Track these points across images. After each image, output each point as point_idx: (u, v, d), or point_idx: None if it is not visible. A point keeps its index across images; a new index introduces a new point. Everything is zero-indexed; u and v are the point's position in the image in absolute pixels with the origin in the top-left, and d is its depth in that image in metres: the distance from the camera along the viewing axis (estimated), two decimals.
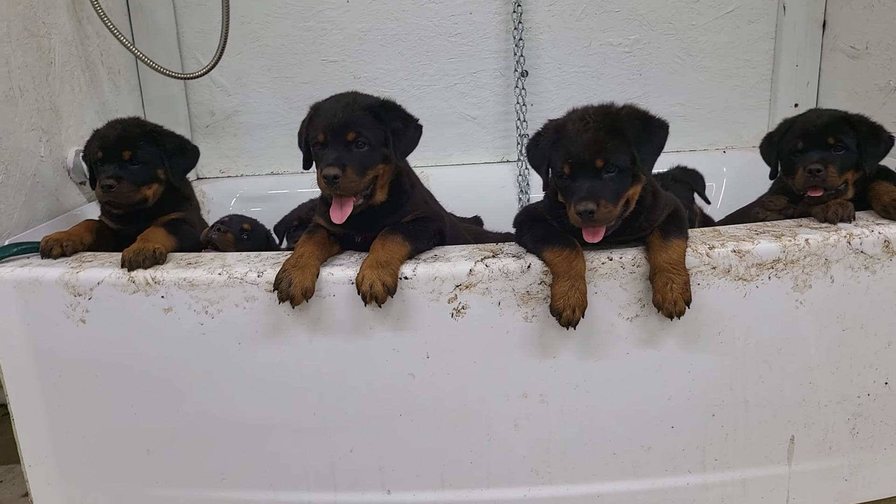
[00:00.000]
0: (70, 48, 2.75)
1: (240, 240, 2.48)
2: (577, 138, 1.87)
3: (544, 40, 3.49)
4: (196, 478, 2.21)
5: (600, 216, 1.81)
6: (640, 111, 1.97)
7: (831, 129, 2.24)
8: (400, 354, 2.05)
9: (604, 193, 1.82)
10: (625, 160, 1.85)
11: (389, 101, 2.11)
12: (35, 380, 2.16)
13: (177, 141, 2.43)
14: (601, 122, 1.88)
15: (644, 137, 1.88)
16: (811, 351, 2.08)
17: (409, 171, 2.21)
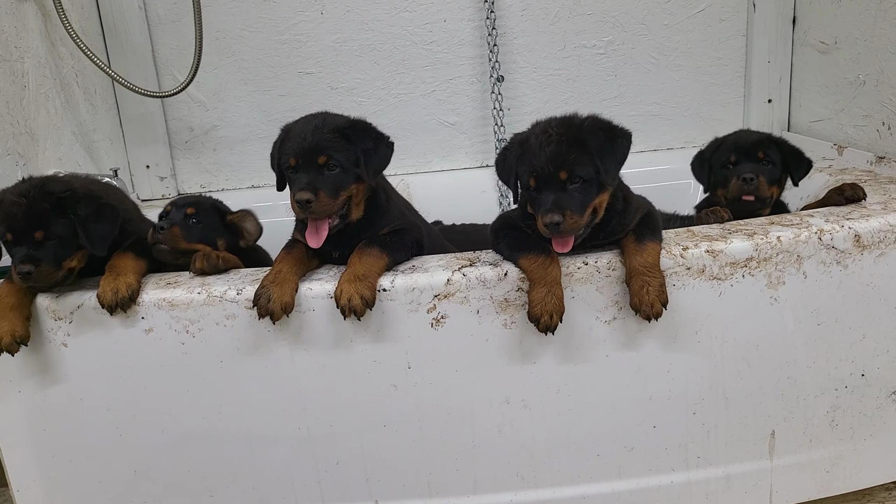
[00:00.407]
0: (44, 71, 2.75)
1: (189, 227, 2.26)
2: (540, 152, 1.89)
3: (519, 45, 3.51)
4: (184, 496, 2.22)
5: (566, 227, 1.84)
6: (603, 122, 1.99)
7: (761, 145, 2.50)
8: (381, 366, 2.06)
9: (569, 204, 1.85)
10: (588, 171, 1.87)
11: (360, 122, 2.11)
12: (20, 405, 2.16)
13: (91, 205, 2.06)
14: (563, 134, 1.90)
15: (607, 148, 1.90)
16: (788, 346, 2.11)
17: (385, 185, 2.22)
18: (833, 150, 3.09)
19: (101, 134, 3.20)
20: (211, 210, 2.37)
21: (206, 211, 2.34)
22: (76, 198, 2.04)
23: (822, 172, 2.81)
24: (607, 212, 1.97)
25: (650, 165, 3.54)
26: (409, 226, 2.16)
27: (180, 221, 2.26)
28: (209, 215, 2.35)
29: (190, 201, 2.35)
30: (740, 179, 2.42)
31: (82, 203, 2.04)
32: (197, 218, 2.30)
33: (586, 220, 1.89)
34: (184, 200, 2.36)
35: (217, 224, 2.35)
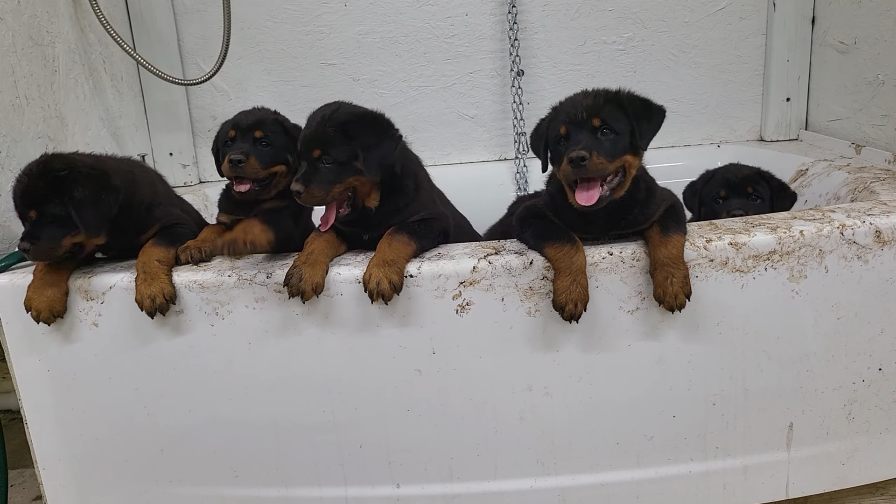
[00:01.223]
0: (74, 56, 2.79)
1: (261, 152, 2.14)
2: (575, 103, 1.96)
3: (539, 40, 3.54)
4: (209, 476, 2.26)
5: (592, 166, 1.84)
6: (640, 96, 2.03)
7: (749, 181, 2.57)
8: (406, 351, 2.10)
9: (598, 147, 1.87)
10: (622, 125, 1.91)
11: (367, 116, 2.09)
12: (48, 383, 2.20)
13: (88, 187, 1.99)
14: (602, 94, 1.98)
15: (643, 114, 1.95)
16: (808, 339, 2.13)
17: (416, 172, 2.23)
18: (851, 149, 3.11)
19: (126, 120, 3.25)
20: (275, 125, 2.24)
21: (272, 129, 2.21)
22: (73, 177, 1.98)
23: (842, 171, 2.83)
24: (630, 198, 2.00)
25: (667, 162, 3.55)
26: (438, 214, 2.19)
27: (252, 149, 2.16)
28: (276, 132, 2.22)
29: (254, 121, 2.20)
30: (730, 215, 2.47)
31: (78, 184, 1.98)
32: (266, 140, 2.18)
33: (612, 169, 1.89)
34: (247, 120, 2.20)
35: (285, 140, 2.22)
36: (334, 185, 2.00)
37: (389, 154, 2.06)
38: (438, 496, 2.23)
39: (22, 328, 2.15)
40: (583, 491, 2.23)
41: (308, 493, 2.25)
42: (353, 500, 2.25)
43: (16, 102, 2.37)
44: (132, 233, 2.18)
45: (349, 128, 2.03)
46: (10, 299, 2.13)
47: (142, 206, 2.20)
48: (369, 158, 2.01)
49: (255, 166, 2.21)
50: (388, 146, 2.07)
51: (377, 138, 2.05)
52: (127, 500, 2.31)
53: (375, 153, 2.03)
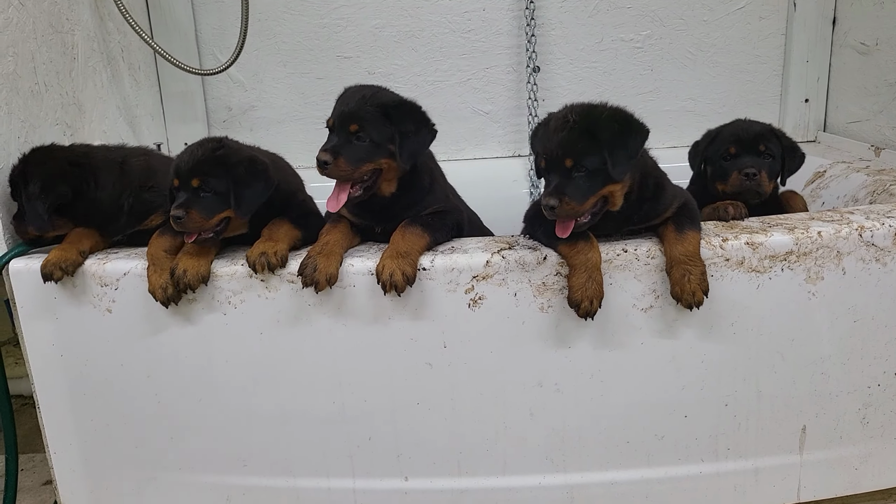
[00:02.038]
0: (92, 44, 2.80)
1: (204, 202, 2.01)
2: (552, 136, 1.92)
3: (556, 36, 3.52)
4: (217, 464, 2.26)
5: (561, 212, 1.86)
6: (622, 115, 1.98)
7: (763, 137, 2.40)
8: (417, 344, 2.09)
9: (569, 191, 1.86)
10: (594, 161, 1.87)
11: (408, 104, 2.13)
12: (61, 368, 2.21)
13: (252, 168, 2.07)
14: (580, 122, 1.91)
15: (618, 142, 1.89)
16: (823, 342, 2.11)
17: (432, 167, 2.24)
18: (870, 152, 3.07)
19: (143, 109, 3.26)
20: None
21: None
22: (236, 159, 2.06)
23: (860, 173, 2.80)
24: (638, 196, 1.99)
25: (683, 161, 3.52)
26: (452, 208, 2.18)
27: (194, 203, 2.01)
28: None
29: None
30: (742, 174, 2.34)
31: (243, 165, 2.05)
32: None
33: (587, 208, 1.90)
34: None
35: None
36: (364, 163, 2.01)
37: (425, 145, 2.10)
38: (446, 490, 2.22)
39: (37, 313, 2.17)
40: (592, 489, 2.21)
41: (316, 484, 2.25)
42: (361, 492, 2.24)
43: (35, 88, 2.38)
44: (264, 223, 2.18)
45: (391, 111, 2.04)
46: (25, 284, 2.15)
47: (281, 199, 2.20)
48: (405, 146, 2.03)
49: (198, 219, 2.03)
50: (426, 137, 2.09)
51: (416, 127, 2.07)
52: (136, 486, 2.32)
53: (412, 142, 2.05)
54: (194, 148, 2.08)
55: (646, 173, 2.00)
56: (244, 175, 2.04)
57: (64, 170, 2.15)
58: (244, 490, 2.28)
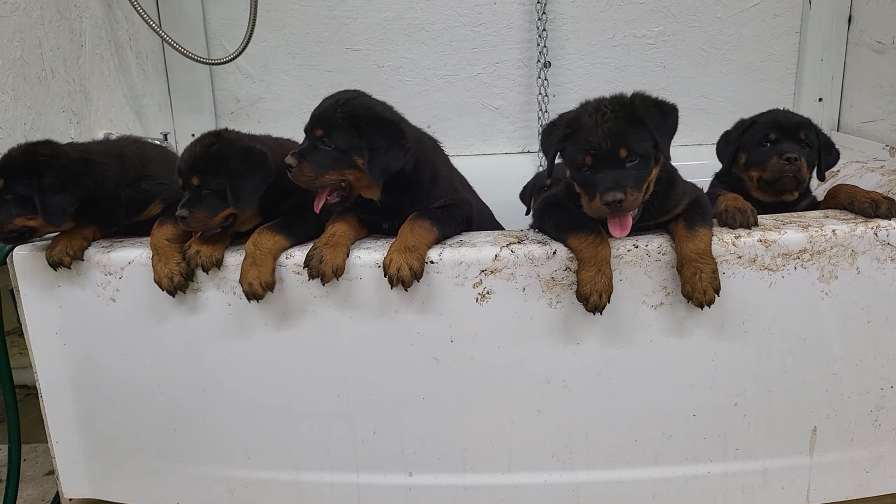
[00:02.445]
0: (100, 32, 2.78)
1: (206, 201, 2.03)
2: (597, 129, 1.85)
3: (567, 31, 3.49)
4: (221, 457, 2.25)
5: (628, 204, 1.81)
6: (652, 98, 1.97)
7: (803, 126, 2.36)
8: (424, 338, 2.07)
9: (628, 182, 1.82)
10: (647, 147, 1.85)
11: (382, 118, 2.02)
12: (64, 358, 2.20)
13: (245, 161, 2.04)
14: (619, 111, 1.87)
15: (661, 122, 1.89)
16: (835, 342, 2.08)
17: (434, 160, 2.18)
18: (885, 151, 3.03)
19: (150, 99, 3.25)
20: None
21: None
22: (231, 152, 2.04)
23: (875, 172, 2.76)
24: (651, 193, 1.95)
25: (694, 160, 3.45)
26: (460, 201, 2.16)
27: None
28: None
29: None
30: (783, 158, 2.27)
31: (237, 158, 2.03)
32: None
33: (642, 198, 1.88)
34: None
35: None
36: (328, 171, 1.96)
37: (395, 163, 1.98)
38: (451, 486, 2.20)
39: (40, 302, 2.15)
40: (598, 487, 2.19)
41: (319, 479, 2.23)
42: (365, 486, 2.22)
43: (42, 75, 2.37)
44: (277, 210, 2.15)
45: (361, 123, 1.97)
46: (29, 272, 2.13)
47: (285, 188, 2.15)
48: (374, 161, 1.96)
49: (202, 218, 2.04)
50: (396, 155, 1.98)
51: (388, 144, 1.97)
52: (138, 477, 2.30)
53: (382, 158, 1.96)
54: (193, 145, 2.06)
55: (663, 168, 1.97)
56: (239, 168, 2.01)
57: (81, 168, 2.09)
58: (247, 483, 2.26)
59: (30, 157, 2.05)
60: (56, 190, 2.02)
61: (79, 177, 2.06)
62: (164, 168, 2.30)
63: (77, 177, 2.06)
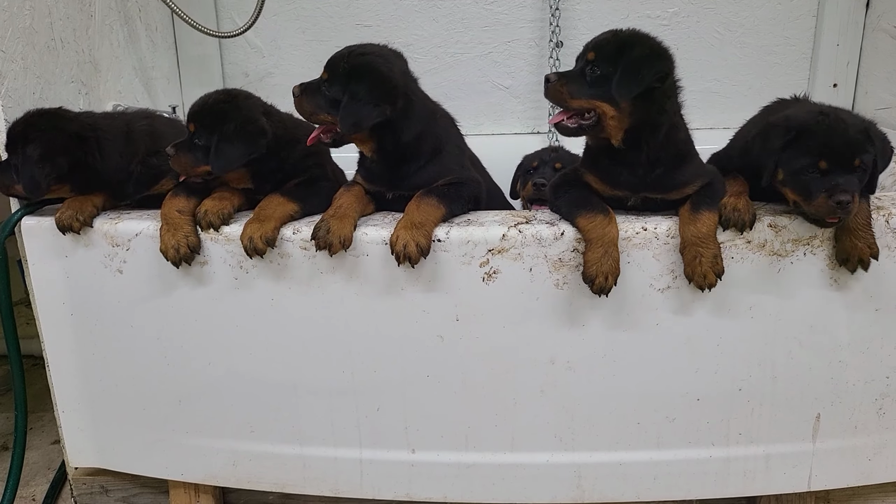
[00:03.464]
0: (110, 2, 2.76)
1: (194, 149, 2.08)
2: (601, 34, 2.00)
3: (581, 10, 3.45)
4: (225, 429, 2.26)
5: (550, 88, 1.94)
6: (656, 48, 1.99)
7: (859, 148, 1.86)
8: (430, 316, 2.07)
9: (571, 78, 1.93)
10: (605, 67, 1.89)
11: (374, 73, 2.00)
12: (71, 328, 2.21)
13: (233, 126, 2.07)
14: (624, 34, 1.96)
15: (632, 63, 1.88)
16: (842, 329, 2.07)
17: (439, 133, 2.16)
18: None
19: (159, 72, 3.23)
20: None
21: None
22: (225, 111, 2.09)
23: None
24: (652, 157, 1.96)
25: (705, 144, 3.43)
26: (468, 178, 2.14)
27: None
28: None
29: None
30: (833, 202, 1.80)
31: (227, 119, 2.07)
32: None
33: (576, 107, 1.94)
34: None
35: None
36: (318, 113, 2.04)
37: (367, 119, 1.98)
38: (453, 464, 2.21)
39: (47, 272, 2.16)
40: (600, 468, 2.20)
41: (323, 453, 2.25)
42: (368, 462, 2.24)
43: (51, 44, 2.35)
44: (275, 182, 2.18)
45: (352, 72, 2.00)
46: (37, 241, 2.14)
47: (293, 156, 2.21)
48: (345, 111, 1.98)
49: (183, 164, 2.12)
50: (366, 111, 1.97)
51: (365, 96, 1.97)
52: (143, 448, 2.32)
53: (352, 108, 1.97)
54: (209, 95, 2.15)
55: (670, 141, 1.95)
56: (231, 134, 2.05)
57: (67, 143, 2.10)
58: (251, 456, 2.28)
59: (26, 125, 2.09)
60: (34, 161, 2.04)
61: (59, 153, 2.07)
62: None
63: (57, 153, 2.07)
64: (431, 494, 2.26)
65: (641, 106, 1.89)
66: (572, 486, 2.21)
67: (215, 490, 2.41)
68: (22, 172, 2.06)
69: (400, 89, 2.02)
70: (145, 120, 2.34)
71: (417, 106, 2.08)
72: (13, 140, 2.09)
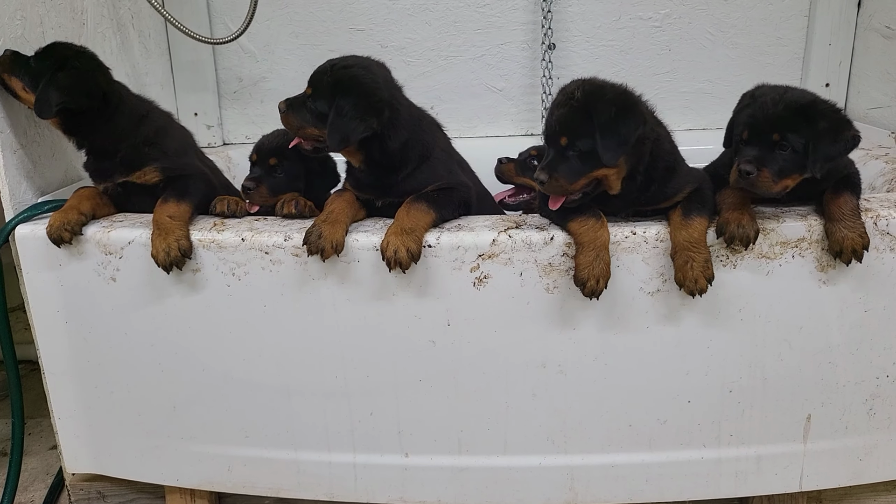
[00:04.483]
0: (102, 10, 2.77)
1: (274, 181, 2.29)
2: (555, 110, 1.92)
3: (573, 13, 3.45)
4: (220, 435, 2.28)
5: (549, 188, 1.88)
6: (624, 100, 1.91)
7: (781, 124, 1.88)
8: (421, 321, 2.08)
9: (561, 169, 1.87)
10: (587, 144, 1.85)
11: (359, 90, 2.03)
12: (66, 336, 2.23)
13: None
14: (580, 100, 1.88)
15: (611, 127, 1.84)
16: (832, 331, 2.08)
17: (426, 140, 2.16)
18: (891, 139, 3.01)
19: (152, 78, 3.24)
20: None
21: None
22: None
23: (879, 160, 2.74)
24: (645, 180, 1.96)
25: (698, 144, 3.42)
26: (458, 184, 2.16)
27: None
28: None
29: (274, 150, 2.34)
30: (737, 170, 1.88)
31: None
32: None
33: (579, 188, 1.90)
34: (268, 148, 2.36)
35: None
36: (305, 127, 2.08)
37: (351, 132, 2.00)
38: (446, 468, 2.23)
39: (42, 280, 2.17)
40: (592, 471, 2.21)
41: (317, 458, 2.26)
42: (362, 466, 2.25)
43: None
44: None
45: (337, 86, 2.03)
46: (30, 250, 2.15)
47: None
48: (332, 127, 2.01)
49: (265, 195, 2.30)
50: (353, 125, 1.99)
51: (351, 111, 1.99)
52: (139, 454, 2.34)
53: (338, 124, 2.00)
54: (276, 135, 2.35)
55: (657, 157, 1.96)
56: (316, 168, 2.34)
57: (97, 82, 2.19)
58: (245, 461, 2.29)
59: (62, 49, 2.20)
60: (54, 84, 2.09)
61: (82, 82, 2.15)
62: (175, 143, 2.35)
63: (81, 81, 2.14)
64: (425, 498, 2.27)
65: (632, 152, 1.90)
66: (565, 488, 2.23)
67: (211, 495, 2.42)
68: (40, 90, 2.08)
69: (385, 101, 2.04)
70: (164, 116, 2.40)
71: (403, 114, 2.09)
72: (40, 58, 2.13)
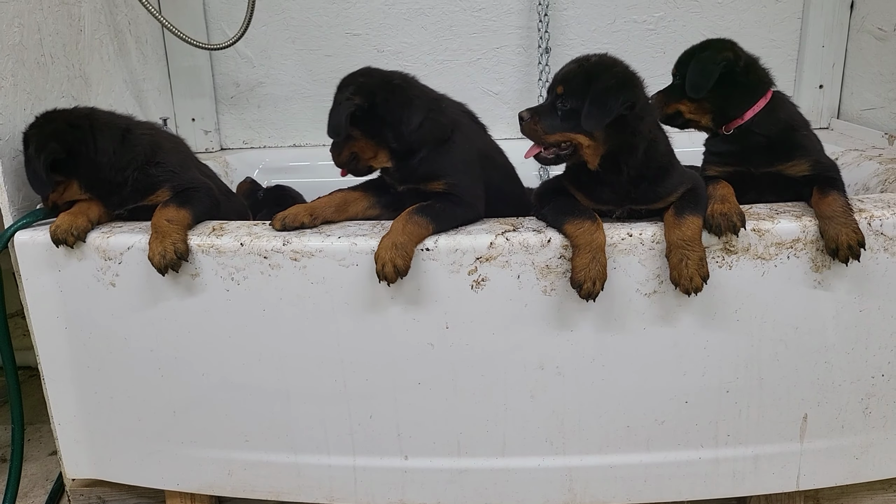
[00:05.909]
0: (99, 16, 2.78)
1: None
2: (567, 64, 2.03)
3: (568, 16, 3.48)
4: (220, 439, 2.28)
5: (525, 127, 2.01)
6: (625, 78, 1.98)
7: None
8: (420, 324, 2.09)
9: (544, 115, 1.98)
10: (574, 102, 1.92)
11: (355, 82, 2.19)
12: (65, 341, 2.23)
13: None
14: (590, 64, 1.99)
15: (600, 95, 1.90)
16: (827, 331, 2.09)
17: (445, 122, 2.32)
18: (884, 140, 3.03)
19: (150, 84, 3.25)
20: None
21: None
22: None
23: (873, 161, 2.76)
24: (636, 175, 1.99)
25: (692, 146, 3.46)
26: (466, 195, 2.13)
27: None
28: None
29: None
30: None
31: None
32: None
33: (552, 142, 1.99)
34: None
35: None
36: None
37: (336, 122, 2.13)
38: (446, 470, 2.24)
39: (41, 285, 2.18)
40: (591, 472, 2.22)
41: (317, 461, 2.27)
42: (361, 469, 2.26)
43: (41, 60, 2.37)
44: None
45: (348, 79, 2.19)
46: (30, 256, 2.16)
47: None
48: (331, 116, 2.15)
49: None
50: (335, 112, 2.14)
51: (338, 100, 2.14)
52: (139, 459, 2.34)
53: (334, 113, 2.14)
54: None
55: (651, 157, 1.98)
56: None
57: (58, 129, 2.15)
58: (245, 465, 2.30)
59: (27, 128, 2.18)
60: (33, 157, 2.10)
61: (50, 138, 2.12)
62: (176, 157, 2.34)
63: (48, 138, 2.12)
64: (425, 500, 2.28)
65: (614, 132, 1.94)
66: (564, 489, 2.24)
67: (211, 499, 2.43)
68: (27, 173, 2.14)
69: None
70: (149, 130, 2.35)
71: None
72: (24, 148, 2.17)
